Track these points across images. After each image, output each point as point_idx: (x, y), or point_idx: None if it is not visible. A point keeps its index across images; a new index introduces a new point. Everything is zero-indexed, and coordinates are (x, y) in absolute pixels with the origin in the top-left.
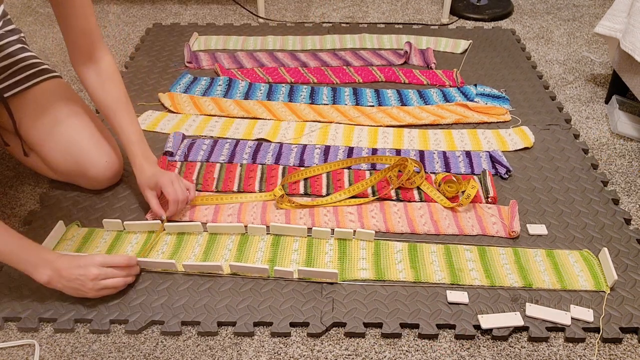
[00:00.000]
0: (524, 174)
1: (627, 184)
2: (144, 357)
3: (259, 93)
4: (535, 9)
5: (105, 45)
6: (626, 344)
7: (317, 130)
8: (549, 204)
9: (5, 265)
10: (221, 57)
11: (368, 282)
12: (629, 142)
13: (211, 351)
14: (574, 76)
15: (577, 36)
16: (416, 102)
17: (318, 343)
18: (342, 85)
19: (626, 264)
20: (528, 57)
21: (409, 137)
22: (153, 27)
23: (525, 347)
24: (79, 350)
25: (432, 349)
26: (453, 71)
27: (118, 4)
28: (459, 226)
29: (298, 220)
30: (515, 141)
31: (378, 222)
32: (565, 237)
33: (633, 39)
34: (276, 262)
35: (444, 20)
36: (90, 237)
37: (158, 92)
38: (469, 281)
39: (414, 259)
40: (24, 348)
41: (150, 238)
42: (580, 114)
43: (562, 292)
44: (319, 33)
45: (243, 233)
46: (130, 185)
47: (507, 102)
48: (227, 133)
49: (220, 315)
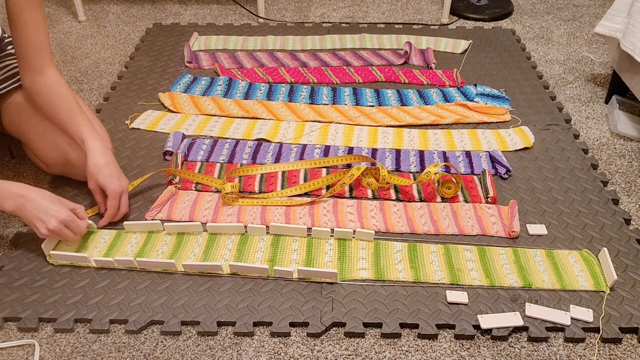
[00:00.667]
0: (524, 174)
1: (627, 184)
2: (144, 357)
3: (259, 93)
4: (535, 9)
5: (53, 61)
6: (626, 344)
7: (317, 130)
8: (549, 204)
9: (6, 265)
10: (221, 57)
11: (368, 282)
12: (629, 142)
13: (211, 351)
14: (574, 76)
15: (577, 36)
16: (416, 102)
17: (318, 343)
18: (342, 85)
19: (626, 264)
20: (528, 57)
21: (409, 137)
22: (153, 27)
23: (525, 347)
24: (79, 350)
25: (432, 349)
26: (453, 71)
27: (118, 4)
28: (458, 226)
29: (298, 220)
30: (515, 141)
31: (378, 222)
32: (565, 237)
33: (633, 39)
34: (276, 262)
35: (444, 20)
36: (89, 237)
37: (158, 92)
38: (468, 281)
39: (414, 259)
40: (24, 348)
41: (150, 238)
42: (580, 114)
43: (561, 292)
44: (319, 33)
45: (243, 233)
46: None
47: (507, 102)
48: (227, 133)
49: (220, 315)
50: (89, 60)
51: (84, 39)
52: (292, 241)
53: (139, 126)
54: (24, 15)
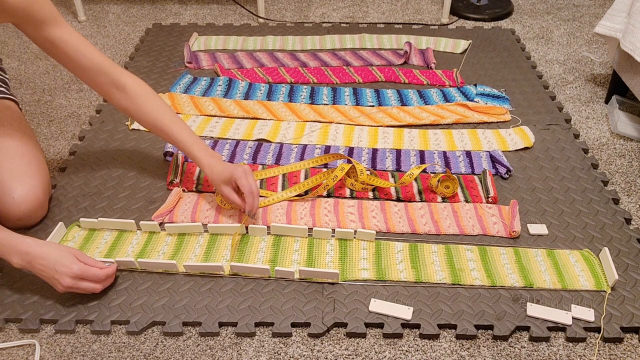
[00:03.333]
0: (524, 174)
1: (627, 184)
2: (144, 357)
3: (259, 93)
4: (535, 9)
5: (121, 68)
6: (627, 343)
7: (317, 130)
8: (550, 204)
9: (7, 266)
10: (221, 57)
11: (369, 282)
12: (629, 142)
13: (211, 351)
14: (574, 76)
15: (577, 36)
16: (416, 102)
17: (318, 343)
18: (342, 85)
19: (627, 263)
20: (528, 57)
21: (409, 137)
22: (153, 27)
23: (525, 347)
24: (79, 350)
25: (432, 349)
26: (453, 71)
27: (118, 4)
28: (459, 226)
29: (299, 220)
30: (516, 141)
31: (379, 222)
32: (566, 237)
33: (633, 39)
34: (277, 262)
35: (444, 20)
36: (91, 238)
37: (158, 93)
38: (469, 281)
39: (415, 259)
40: (24, 348)
41: (150, 238)
42: (580, 114)
43: (563, 292)
44: (319, 33)
45: (244, 233)
46: (130, 185)
47: (507, 102)
48: (227, 133)
49: (222, 316)
50: None
51: None
52: (293, 241)
53: (139, 127)
54: (61, 47)
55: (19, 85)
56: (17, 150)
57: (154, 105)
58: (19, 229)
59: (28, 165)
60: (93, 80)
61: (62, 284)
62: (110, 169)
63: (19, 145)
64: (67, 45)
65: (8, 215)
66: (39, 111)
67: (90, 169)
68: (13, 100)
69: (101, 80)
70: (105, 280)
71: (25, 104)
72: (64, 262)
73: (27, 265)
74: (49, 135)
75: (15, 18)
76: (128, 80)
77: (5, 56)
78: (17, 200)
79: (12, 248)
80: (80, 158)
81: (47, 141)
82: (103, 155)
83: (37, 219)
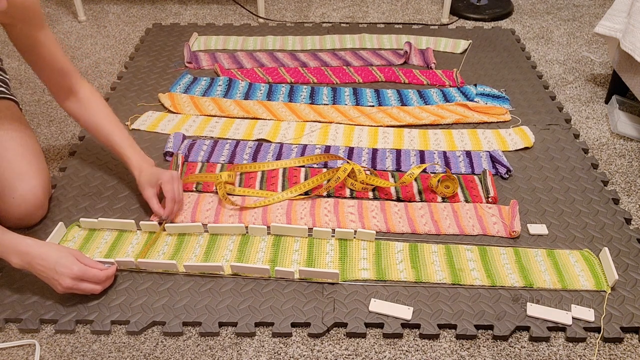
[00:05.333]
0: (524, 174)
1: (627, 184)
2: (144, 357)
3: (259, 93)
4: (535, 9)
5: (80, 75)
6: (626, 343)
7: (318, 130)
8: (550, 204)
9: (7, 266)
10: (221, 57)
11: (369, 282)
12: (629, 142)
13: (211, 351)
14: (574, 76)
15: (577, 36)
16: (416, 102)
17: (318, 343)
18: (342, 85)
19: (627, 263)
20: (528, 57)
21: (409, 137)
22: (153, 27)
23: (525, 347)
24: (79, 350)
25: (432, 349)
26: (453, 71)
27: (118, 4)
28: (459, 226)
29: (299, 220)
30: (516, 141)
31: (379, 222)
32: (566, 237)
33: (633, 39)
34: (277, 262)
35: (444, 20)
36: (91, 238)
37: (158, 93)
38: (469, 281)
39: (415, 259)
40: (24, 348)
41: (151, 239)
42: (580, 114)
43: (563, 292)
44: (319, 33)
45: (244, 233)
46: (131, 185)
47: (507, 102)
48: (227, 133)
49: (222, 316)
50: (88, 60)
51: (83, 39)
52: (293, 241)
53: (139, 127)
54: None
55: (19, 85)
56: (17, 151)
57: (99, 112)
58: (19, 229)
59: (28, 165)
60: (53, 81)
61: (62, 284)
62: (111, 168)
63: (19, 146)
64: (45, 47)
65: (8, 215)
66: (39, 111)
67: (90, 169)
68: (13, 100)
69: (60, 83)
70: (105, 282)
71: (25, 104)
72: (64, 262)
73: (26, 266)
74: (49, 135)
75: (14, 18)
76: (83, 88)
77: (5, 56)
78: (17, 200)
79: (12, 248)
80: (80, 158)
81: (47, 141)
82: (103, 155)
83: (37, 219)
